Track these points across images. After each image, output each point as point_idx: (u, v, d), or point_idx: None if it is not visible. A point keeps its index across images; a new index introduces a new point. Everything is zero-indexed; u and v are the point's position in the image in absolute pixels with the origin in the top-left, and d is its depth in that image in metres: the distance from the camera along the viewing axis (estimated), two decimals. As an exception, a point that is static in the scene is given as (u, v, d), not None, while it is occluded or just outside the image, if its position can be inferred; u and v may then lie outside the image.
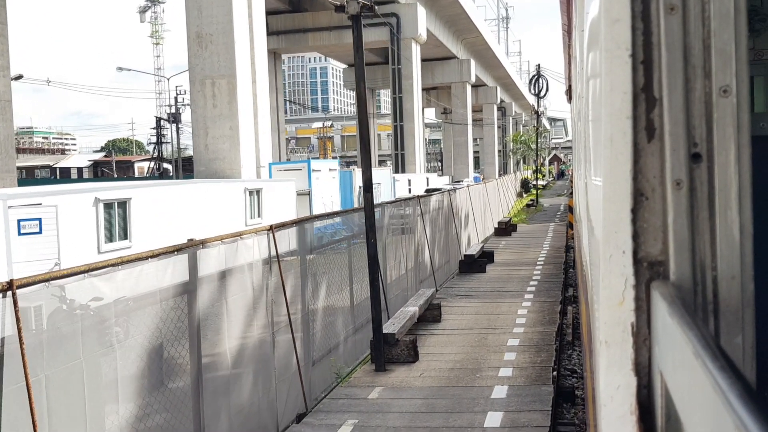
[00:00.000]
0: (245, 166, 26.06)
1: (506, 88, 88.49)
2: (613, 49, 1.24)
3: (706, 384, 0.80)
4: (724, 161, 1.19)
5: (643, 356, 1.23)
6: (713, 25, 1.18)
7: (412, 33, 48.60)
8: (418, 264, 13.84)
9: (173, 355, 5.99)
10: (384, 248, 11.68)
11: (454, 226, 17.26)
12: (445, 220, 16.72)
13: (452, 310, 11.98)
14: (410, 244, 13.48)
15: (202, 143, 26.15)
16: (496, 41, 78.06)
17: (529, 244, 21.14)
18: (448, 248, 16.72)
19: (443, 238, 16.37)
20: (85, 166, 72.68)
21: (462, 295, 13.41)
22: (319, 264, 9.10)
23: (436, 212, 15.93)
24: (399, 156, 50.01)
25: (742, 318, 1.18)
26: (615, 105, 1.24)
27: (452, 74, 64.20)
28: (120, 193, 17.35)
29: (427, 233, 14.40)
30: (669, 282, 1.21)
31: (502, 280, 14.94)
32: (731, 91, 1.18)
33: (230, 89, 25.75)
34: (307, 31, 49.49)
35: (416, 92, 49.21)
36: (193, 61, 26.01)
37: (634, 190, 1.23)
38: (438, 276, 15.02)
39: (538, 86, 44.73)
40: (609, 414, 1.26)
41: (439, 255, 15.72)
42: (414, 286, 13.16)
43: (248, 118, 26.31)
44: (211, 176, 25.88)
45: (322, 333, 8.91)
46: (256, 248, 7.24)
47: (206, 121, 25.93)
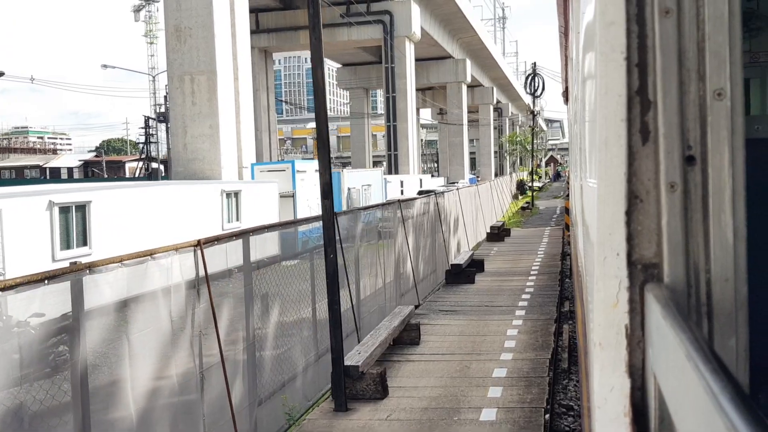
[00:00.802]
0: (226, 167, 24.66)
1: (503, 89, 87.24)
2: (608, 52, 1.25)
3: (698, 386, 0.80)
4: (718, 164, 1.19)
5: (637, 358, 1.23)
6: (708, 28, 1.18)
7: (406, 31, 47.24)
8: (399, 275, 12.42)
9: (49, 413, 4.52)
10: (357, 259, 10.24)
11: (441, 232, 15.81)
12: (432, 225, 15.30)
13: (434, 329, 10.53)
14: (390, 254, 12.05)
15: (180, 143, 24.75)
16: (493, 41, 76.70)
17: (523, 251, 19.70)
18: (434, 256, 15.29)
19: (429, 245, 14.93)
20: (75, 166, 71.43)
21: (446, 310, 11.97)
22: (271, 280, 7.64)
23: (421, 217, 14.50)
24: (392, 157, 48.59)
25: (736, 320, 1.18)
26: (610, 107, 1.25)
27: (448, 74, 62.91)
28: (79, 195, 15.81)
29: (410, 241, 12.97)
30: (663, 284, 1.21)
31: (491, 292, 13.50)
32: (725, 94, 1.18)
33: (210, 86, 24.33)
34: (298, 29, 48.10)
35: (410, 92, 47.81)
36: (172, 56, 24.62)
37: (628, 192, 1.24)
38: (422, 288, 13.59)
39: (534, 85, 43.33)
40: (603, 416, 1.26)
41: (423, 264, 14.28)
42: (394, 299, 11.75)
43: (230, 116, 24.88)
44: (190, 177, 24.46)
45: (274, 364, 7.46)
46: (176, 269, 5.75)
47: (185, 120, 24.53)
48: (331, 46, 50.05)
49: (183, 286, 5.90)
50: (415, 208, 14.13)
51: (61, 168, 69.08)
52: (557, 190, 61.95)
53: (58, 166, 69.12)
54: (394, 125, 47.91)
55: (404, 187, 41.30)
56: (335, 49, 51.71)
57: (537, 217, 34.17)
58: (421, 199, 14.69)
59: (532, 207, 39.33)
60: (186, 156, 24.52)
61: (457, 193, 18.89)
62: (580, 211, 3.67)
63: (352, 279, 10.20)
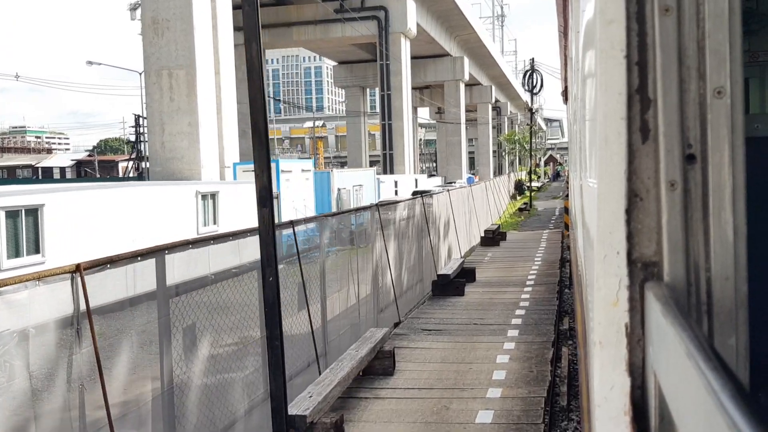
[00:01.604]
0: (206, 167, 23.19)
1: (501, 88, 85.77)
2: (608, 50, 1.25)
3: (699, 385, 0.80)
4: (718, 162, 1.19)
5: (637, 357, 1.23)
6: (708, 26, 1.18)
7: (401, 27, 45.79)
8: (377, 289, 10.93)
9: None
10: (322, 273, 8.79)
11: (429, 237, 14.29)
12: (418, 230, 13.82)
13: (412, 354, 9.05)
14: (367, 265, 10.57)
15: (158, 141, 23.28)
16: (491, 39, 75.18)
17: (519, 257, 18.17)
18: (420, 264, 13.81)
19: (415, 252, 13.45)
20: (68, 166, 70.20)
21: (430, 329, 10.47)
22: (204, 305, 6.17)
23: (405, 222, 12.98)
24: (388, 156, 47.14)
25: (736, 319, 1.18)
26: (609, 106, 1.25)
27: (445, 72, 61.52)
28: (31, 198, 14.18)
29: (390, 249, 11.46)
30: (663, 283, 1.21)
31: (482, 306, 11.99)
32: (725, 92, 1.19)
33: (189, 81, 22.86)
34: (291, 25, 46.74)
35: (405, 89, 46.34)
36: (149, 50, 23.15)
37: (628, 190, 1.23)
38: (405, 301, 12.11)
39: (532, 82, 41.71)
40: (603, 414, 1.26)
41: (408, 274, 12.79)
42: (371, 316, 10.32)
43: (210, 113, 23.40)
44: (168, 177, 22.99)
45: (204, 411, 5.94)
46: (43, 302, 4.26)
47: (162, 117, 23.08)
48: (325, 42, 48.68)
49: (54, 326, 4.37)
50: (397, 212, 12.63)
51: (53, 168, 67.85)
52: (556, 190, 60.38)
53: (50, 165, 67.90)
54: (389, 123, 46.48)
55: (398, 187, 39.85)
56: (330, 45, 50.28)
57: (535, 218, 32.62)
58: (405, 202, 13.17)
59: (530, 208, 37.73)
60: (164, 155, 23.03)
61: (448, 195, 17.36)
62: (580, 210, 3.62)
63: (316, 296, 8.69)
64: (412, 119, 49.61)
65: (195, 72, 22.76)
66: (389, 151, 46.53)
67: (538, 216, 33.99)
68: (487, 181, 32.60)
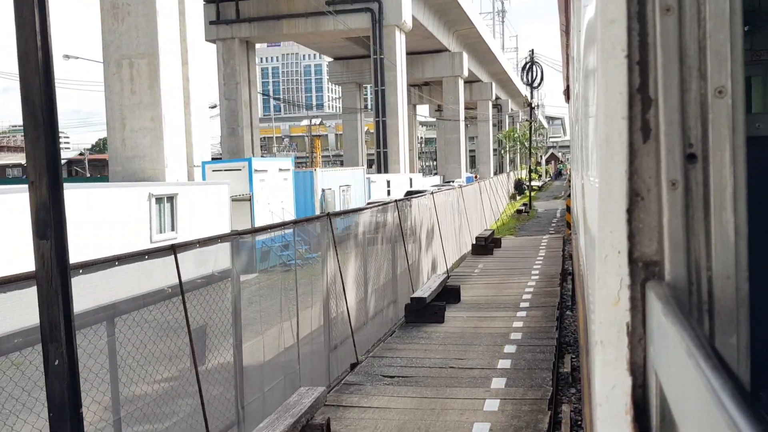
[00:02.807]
0: (172, 166, 20.84)
1: (502, 85, 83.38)
2: (609, 50, 1.24)
3: (700, 384, 0.80)
4: (719, 162, 1.19)
5: (638, 356, 1.22)
6: (709, 25, 1.18)
7: (396, 20, 43.32)
8: (329, 322, 8.51)
9: None
10: (236, 312, 6.48)
11: (404, 250, 11.83)
12: (391, 242, 11.32)
13: (361, 421, 6.65)
14: (314, 290, 8.13)
15: (118, 138, 20.97)
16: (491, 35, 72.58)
17: (514, 270, 15.69)
18: (393, 284, 11.36)
19: (386, 270, 11.01)
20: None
21: (392, 375, 8.08)
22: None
23: (374, 233, 10.53)
24: (382, 154, 44.67)
25: (737, 318, 1.18)
26: (611, 105, 1.24)
27: (443, 68, 59.11)
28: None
29: (349, 269, 9.01)
30: (664, 282, 1.21)
31: (464, 340, 9.57)
32: (726, 91, 1.18)
33: (151, 71, 20.52)
34: (281, 18, 44.34)
35: (401, 85, 43.78)
36: (108, 38, 20.82)
37: (629, 190, 1.23)
38: (370, 332, 9.70)
39: (532, 75, 39.01)
40: (604, 413, 1.25)
41: (375, 297, 10.37)
42: (319, 360, 7.86)
43: (176, 107, 21.02)
44: (129, 177, 20.63)
45: None
46: None
47: (123, 111, 20.77)
48: (318, 36, 46.28)
49: None
50: (361, 222, 10.16)
51: (43, 167, 65.57)
52: (558, 190, 57.88)
53: (40, 164, 65.52)
54: (383, 121, 44.02)
55: (391, 187, 37.31)
56: (321, 39, 47.85)
57: (534, 221, 30.08)
58: (372, 210, 10.70)
59: (530, 209, 35.10)
60: (124, 153, 20.70)
61: (432, 198, 14.87)
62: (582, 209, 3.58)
63: (224, 345, 6.33)
64: (407, 116, 47.11)
65: (158, 61, 20.38)
66: (383, 149, 44.09)
67: (537, 218, 31.44)
68: (483, 180, 30.00)
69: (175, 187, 17.91)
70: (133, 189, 16.58)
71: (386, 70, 43.60)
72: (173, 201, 17.93)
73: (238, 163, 21.77)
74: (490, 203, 26.73)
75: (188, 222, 18.28)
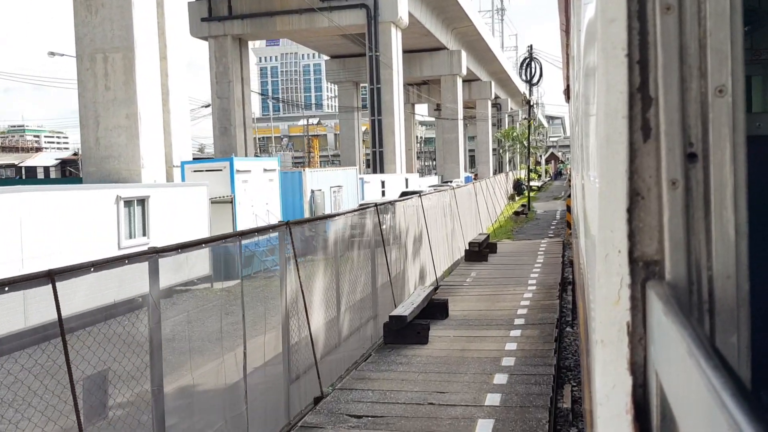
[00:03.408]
0: (149, 167, 19.50)
1: (501, 84, 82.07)
2: (609, 49, 1.23)
3: (700, 383, 0.80)
4: (719, 161, 1.18)
5: (639, 355, 1.22)
6: (709, 24, 1.17)
7: (392, 16, 42.02)
8: (289, 349, 7.22)
9: None
10: (153, 346, 5.09)
11: (386, 260, 10.50)
12: (371, 252, 10.01)
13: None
14: (266, 316, 6.85)
15: (92, 136, 19.61)
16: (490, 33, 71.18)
17: (509, 278, 14.36)
18: (373, 298, 10.07)
19: (363, 283, 9.70)
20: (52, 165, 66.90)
21: (359, 415, 6.81)
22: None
23: (349, 242, 9.21)
24: (377, 154, 43.35)
25: (738, 317, 1.17)
26: (611, 104, 1.23)
27: (442, 66, 57.82)
28: None
29: (313, 290, 7.69)
30: (664, 281, 1.20)
31: (448, 367, 8.27)
32: (727, 90, 1.18)
33: (127, 66, 19.17)
34: (274, 15, 43.11)
35: (396, 83, 42.46)
36: (81, 31, 19.46)
37: (629, 189, 1.22)
38: (338, 358, 8.35)
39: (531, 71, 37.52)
40: (605, 413, 1.25)
41: (349, 316, 9.11)
42: (275, 395, 6.66)
43: (153, 104, 19.70)
44: (104, 179, 19.31)
45: None
46: None
47: (97, 108, 19.41)
48: (312, 33, 45.03)
49: None
50: (335, 228, 8.85)
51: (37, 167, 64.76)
52: (558, 190, 56.55)
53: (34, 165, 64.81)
54: (378, 119, 42.74)
55: (386, 187, 35.96)
56: (318, 37, 46.75)
57: (533, 224, 28.69)
58: (346, 218, 9.36)
59: (529, 211, 33.66)
60: (99, 153, 19.41)
61: (419, 201, 13.52)
62: (582, 209, 3.47)
63: (136, 390, 5.03)
64: (404, 115, 45.75)
65: (133, 55, 19.09)
66: (379, 148, 42.79)
67: (536, 220, 30.03)
68: (479, 181, 28.55)
69: (146, 189, 16.59)
70: (99, 191, 15.26)
71: (382, 68, 42.31)
72: (144, 204, 16.59)
73: (218, 163, 20.43)
74: (486, 205, 25.34)
75: (162, 226, 16.96)
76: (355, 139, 54.26)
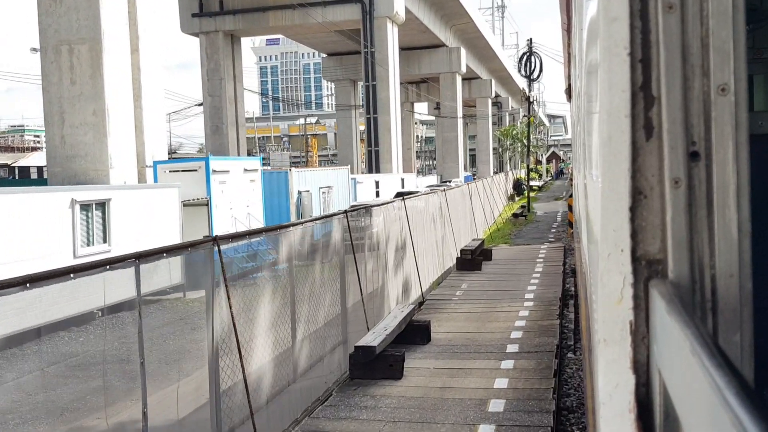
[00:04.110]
0: (118, 167, 17.99)
1: (502, 82, 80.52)
2: (612, 48, 1.22)
3: (703, 382, 0.79)
4: (722, 160, 1.17)
5: (642, 354, 1.20)
6: (711, 23, 1.16)
7: (388, 11, 40.47)
8: (217, 395, 5.56)
9: None
10: None
11: (358, 277, 8.92)
12: (340, 267, 8.42)
13: None
14: (182, 359, 5.24)
15: (57, 134, 18.11)
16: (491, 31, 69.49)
17: (504, 292, 12.75)
18: (342, 320, 8.54)
19: (327, 305, 8.12)
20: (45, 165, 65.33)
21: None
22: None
23: (307, 258, 7.60)
24: (373, 153, 41.70)
25: (740, 316, 1.16)
26: (613, 103, 1.22)
27: (441, 64, 56.27)
28: None
29: (256, 318, 6.13)
30: (667, 280, 1.19)
31: (422, 414, 6.68)
32: (729, 89, 1.16)
33: (93, 58, 17.68)
34: (267, 10, 41.60)
35: (393, 80, 40.81)
36: (45, 21, 17.99)
37: (632, 188, 1.21)
38: (292, 397, 6.74)
39: (530, 66, 35.79)
40: (608, 412, 1.23)
41: (307, 347, 7.55)
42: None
43: (123, 99, 18.20)
44: (70, 179, 17.77)
45: None
46: None
47: (62, 104, 17.93)
48: (306, 29, 43.47)
49: None
50: (289, 240, 7.26)
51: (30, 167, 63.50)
52: (559, 190, 54.91)
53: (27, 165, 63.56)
54: (374, 117, 41.17)
55: (380, 188, 34.30)
56: (312, 33, 45.29)
57: (532, 226, 27.01)
58: (304, 228, 7.74)
59: (528, 212, 31.95)
60: (64, 152, 17.90)
61: (403, 206, 11.88)
62: (584, 208, 3.43)
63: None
64: (400, 113, 44.11)
65: (101, 47, 17.57)
66: (374, 147, 41.23)
67: (536, 223, 28.35)
68: (476, 181, 26.87)
69: (107, 191, 15.02)
70: (50, 195, 13.70)
71: (377, 65, 40.65)
72: (105, 208, 14.98)
73: (194, 163, 18.85)
74: (482, 207, 23.68)
75: (126, 232, 15.35)
76: (352, 138, 52.67)
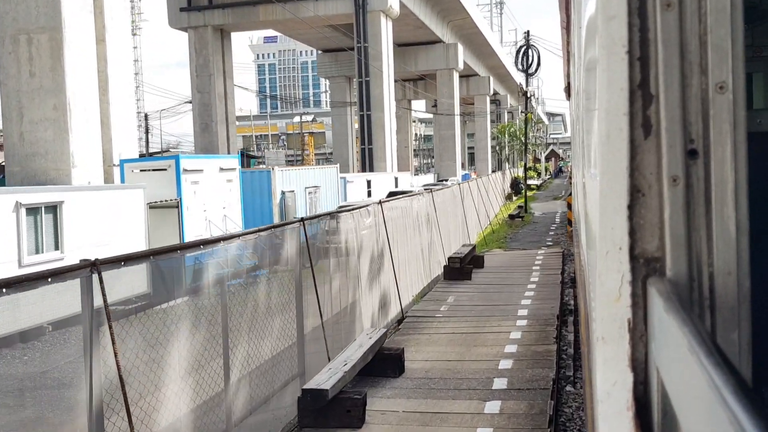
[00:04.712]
0: (82, 165, 16.56)
1: (500, 79, 79.05)
2: (610, 46, 1.21)
3: (701, 380, 0.79)
4: (720, 157, 1.16)
5: (640, 352, 1.20)
6: (710, 21, 1.15)
7: (381, 5, 38.97)
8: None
9: None
10: None
11: (316, 297, 7.43)
12: (288, 289, 6.92)
13: None
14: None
15: (15, 131, 16.69)
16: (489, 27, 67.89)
17: (494, 308, 11.23)
18: (299, 349, 7.04)
19: (276, 334, 6.62)
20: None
21: None
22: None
23: (247, 279, 6.11)
24: (366, 151, 40.11)
25: (739, 314, 1.15)
26: (612, 101, 1.22)
27: (437, 60, 54.81)
28: None
29: (162, 365, 4.60)
30: (665, 278, 1.18)
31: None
32: (728, 87, 1.15)
33: (54, 49, 16.25)
34: (257, 4, 40.08)
35: (387, 76, 39.25)
36: (2, 8, 16.69)
37: (630, 186, 1.20)
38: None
39: (528, 60, 34.21)
40: (606, 410, 1.23)
41: (248, 388, 5.93)
42: None
43: (88, 93, 16.77)
44: (29, 179, 16.34)
45: None
46: None
47: (21, 98, 16.53)
48: (297, 23, 41.97)
49: None
50: (216, 261, 5.80)
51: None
52: (558, 189, 53.48)
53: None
54: (368, 114, 39.68)
55: (372, 187, 32.74)
56: (304, 27, 43.67)
57: (529, 228, 25.44)
58: (239, 242, 6.24)
59: (526, 213, 30.38)
60: (23, 150, 16.48)
61: (380, 210, 10.39)
62: (583, 206, 3.44)
63: None
64: (395, 110, 42.57)
65: (62, 37, 16.15)
66: (368, 145, 39.79)
67: (533, 225, 26.78)
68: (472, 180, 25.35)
69: (60, 193, 13.54)
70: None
71: (371, 60, 39.11)
72: (56, 211, 13.46)
73: (163, 162, 17.36)
74: (476, 208, 22.16)
75: (82, 238, 13.83)
76: (348, 136, 51.15)
